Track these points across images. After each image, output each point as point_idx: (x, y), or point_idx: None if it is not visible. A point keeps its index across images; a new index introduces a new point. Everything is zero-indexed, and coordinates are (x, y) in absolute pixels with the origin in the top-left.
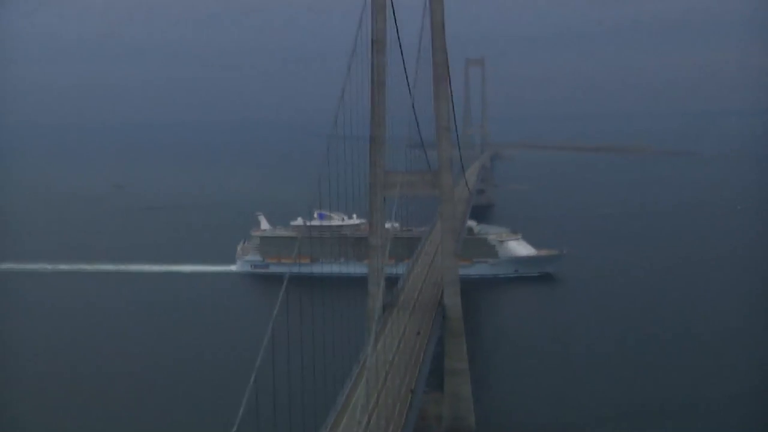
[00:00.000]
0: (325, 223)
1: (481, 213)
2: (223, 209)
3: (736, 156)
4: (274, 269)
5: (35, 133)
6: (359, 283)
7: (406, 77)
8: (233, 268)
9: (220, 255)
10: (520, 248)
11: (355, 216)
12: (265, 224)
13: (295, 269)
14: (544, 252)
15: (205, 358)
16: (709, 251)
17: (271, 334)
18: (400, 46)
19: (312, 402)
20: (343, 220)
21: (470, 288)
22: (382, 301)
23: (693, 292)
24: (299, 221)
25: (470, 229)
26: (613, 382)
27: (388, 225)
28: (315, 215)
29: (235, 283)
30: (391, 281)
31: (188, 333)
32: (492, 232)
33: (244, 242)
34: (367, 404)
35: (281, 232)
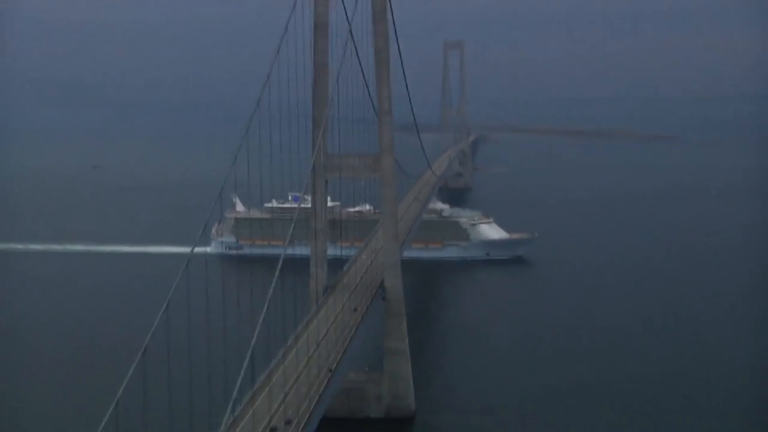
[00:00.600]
0: (299, 205)
1: (458, 196)
2: (204, 190)
3: (720, 141)
4: (248, 251)
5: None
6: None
7: (359, 60)
8: (208, 249)
9: (196, 236)
10: (492, 231)
11: (329, 199)
12: (240, 206)
13: (269, 251)
14: (515, 235)
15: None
16: (681, 235)
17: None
18: (351, 30)
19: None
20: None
21: (440, 270)
22: (325, 283)
23: (662, 275)
24: (273, 203)
25: (440, 212)
26: (564, 363)
27: (360, 208)
28: (290, 197)
29: (205, 265)
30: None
31: (143, 313)
32: (464, 216)
33: (219, 224)
34: (284, 384)
35: (255, 214)
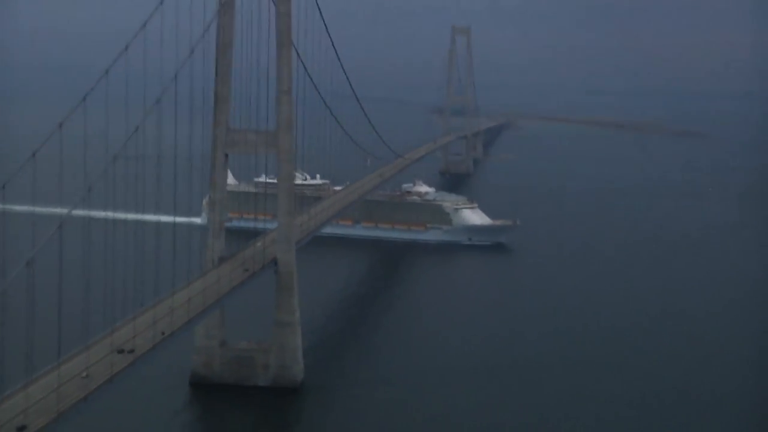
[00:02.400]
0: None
1: (456, 181)
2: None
3: (749, 139)
4: (236, 224)
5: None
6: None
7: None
8: (198, 220)
9: (190, 207)
10: (475, 217)
11: (318, 176)
12: (231, 179)
13: (257, 225)
14: (498, 222)
15: None
16: (672, 230)
17: None
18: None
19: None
20: (305, 179)
21: (418, 252)
22: (220, 253)
23: (641, 271)
24: (263, 178)
25: (424, 195)
26: (482, 345)
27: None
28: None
29: (190, 235)
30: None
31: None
32: (448, 200)
33: (209, 197)
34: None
35: (245, 187)
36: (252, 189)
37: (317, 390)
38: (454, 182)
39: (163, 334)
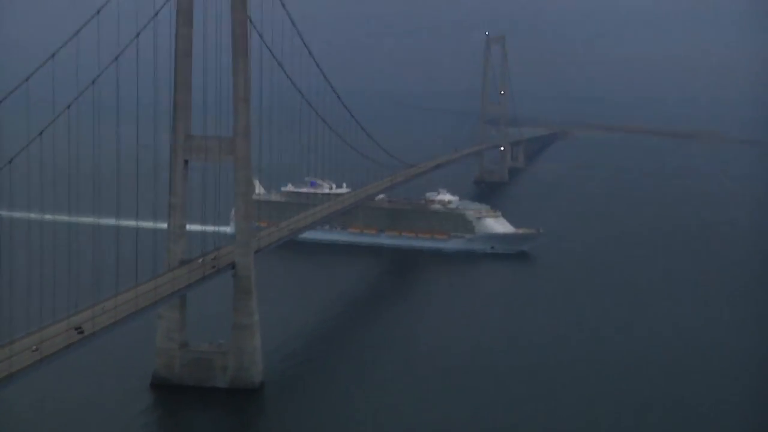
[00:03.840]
0: (314, 190)
1: (490, 190)
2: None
3: None
4: (263, 232)
5: None
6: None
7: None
8: (227, 229)
9: (221, 216)
10: (497, 225)
11: (344, 185)
12: (260, 188)
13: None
14: (521, 230)
15: None
16: (706, 244)
17: None
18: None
19: None
20: (331, 188)
21: (439, 261)
22: (182, 256)
23: (667, 286)
24: (290, 187)
25: (447, 203)
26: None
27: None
28: (307, 182)
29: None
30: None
31: None
32: (471, 208)
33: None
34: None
35: (273, 197)
36: (279, 198)
37: (276, 392)
38: (487, 191)
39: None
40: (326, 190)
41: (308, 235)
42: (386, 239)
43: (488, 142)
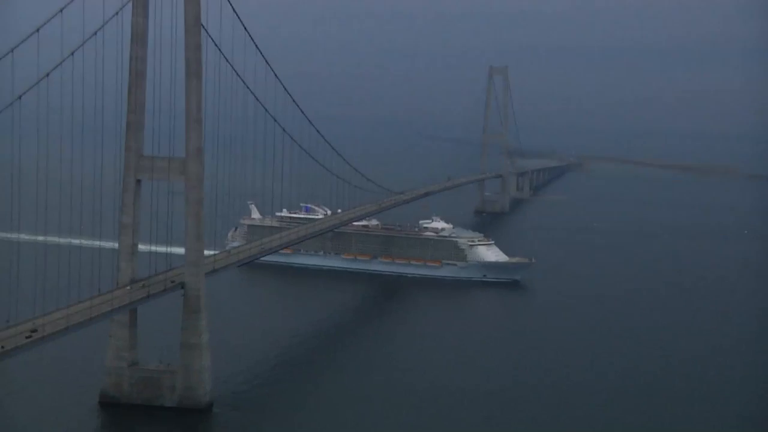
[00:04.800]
0: (309, 215)
1: (490, 220)
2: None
3: None
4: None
5: None
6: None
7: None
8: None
9: (218, 240)
10: (490, 253)
11: (339, 211)
12: (255, 213)
13: (277, 258)
14: (514, 259)
15: None
16: (701, 278)
17: None
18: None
19: None
20: (326, 213)
21: (429, 288)
22: (133, 275)
23: (656, 321)
24: (285, 213)
25: (439, 231)
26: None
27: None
28: (302, 207)
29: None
30: None
31: None
32: (463, 236)
33: (234, 229)
34: None
35: (267, 221)
36: (275, 223)
37: (225, 412)
38: (488, 221)
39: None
40: (320, 216)
41: (303, 260)
42: (379, 266)
43: (488, 172)
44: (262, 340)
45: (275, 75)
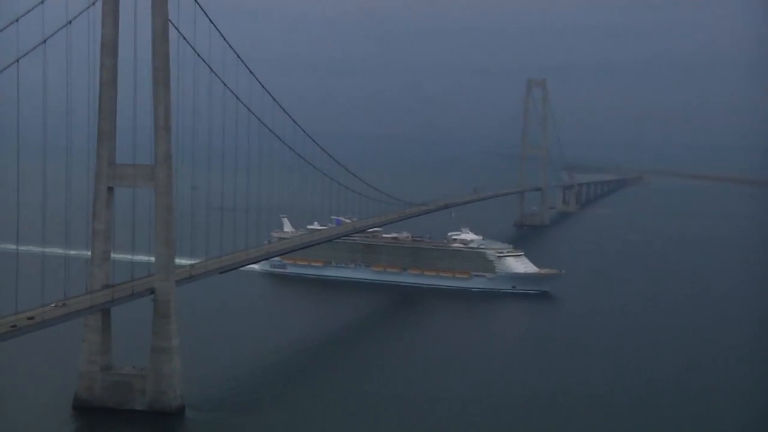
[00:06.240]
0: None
1: (530, 233)
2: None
3: None
4: (290, 270)
5: None
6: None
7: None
8: (256, 267)
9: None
10: (518, 264)
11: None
12: (288, 226)
13: (309, 271)
14: (543, 271)
15: None
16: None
17: None
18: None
19: None
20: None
21: (457, 299)
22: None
23: (682, 334)
24: (315, 225)
25: (468, 243)
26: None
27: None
28: (333, 220)
29: (241, 282)
30: None
31: None
32: (492, 247)
33: (267, 243)
34: None
35: (299, 235)
36: (305, 236)
37: (195, 416)
38: (526, 234)
39: None
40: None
41: (333, 272)
42: (408, 278)
43: (527, 185)
44: (261, 348)
45: (266, 91)
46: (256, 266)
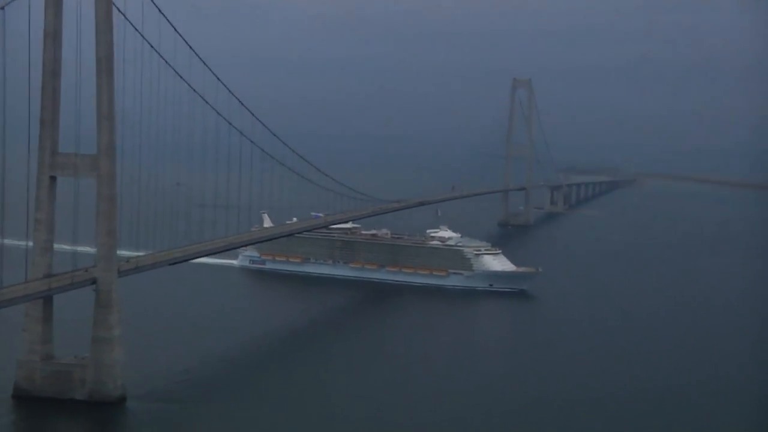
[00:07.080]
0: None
1: (513, 232)
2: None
3: None
4: (269, 266)
5: None
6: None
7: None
8: (235, 262)
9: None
10: (496, 263)
11: (350, 223)
12: (268, 222)
13: (288, 267)
14: (520, 269)
15: None
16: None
17: None
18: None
19: None
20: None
21: (432, 297)
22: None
23: (659, 336)
24: (294, 221)
25: (446, 240)
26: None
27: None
28: (312, 216)
29: (216, 277)
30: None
31: None
32: (470, 245)
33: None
34: None
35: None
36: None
37: (137, 406)
38: (509, 233)
39: None
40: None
41: (311, 269)
42: (386, 275)
43: (510, 185)
44: (222, 343)
45: (226, 86)
46: (234, 262)
